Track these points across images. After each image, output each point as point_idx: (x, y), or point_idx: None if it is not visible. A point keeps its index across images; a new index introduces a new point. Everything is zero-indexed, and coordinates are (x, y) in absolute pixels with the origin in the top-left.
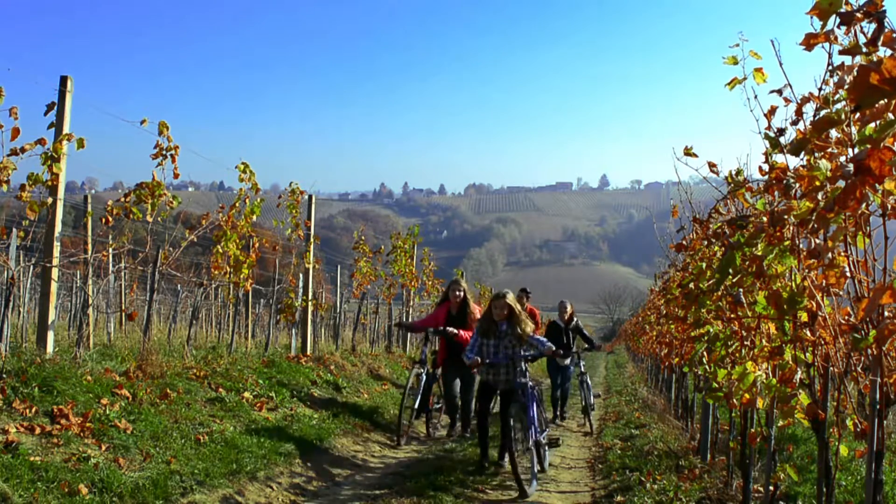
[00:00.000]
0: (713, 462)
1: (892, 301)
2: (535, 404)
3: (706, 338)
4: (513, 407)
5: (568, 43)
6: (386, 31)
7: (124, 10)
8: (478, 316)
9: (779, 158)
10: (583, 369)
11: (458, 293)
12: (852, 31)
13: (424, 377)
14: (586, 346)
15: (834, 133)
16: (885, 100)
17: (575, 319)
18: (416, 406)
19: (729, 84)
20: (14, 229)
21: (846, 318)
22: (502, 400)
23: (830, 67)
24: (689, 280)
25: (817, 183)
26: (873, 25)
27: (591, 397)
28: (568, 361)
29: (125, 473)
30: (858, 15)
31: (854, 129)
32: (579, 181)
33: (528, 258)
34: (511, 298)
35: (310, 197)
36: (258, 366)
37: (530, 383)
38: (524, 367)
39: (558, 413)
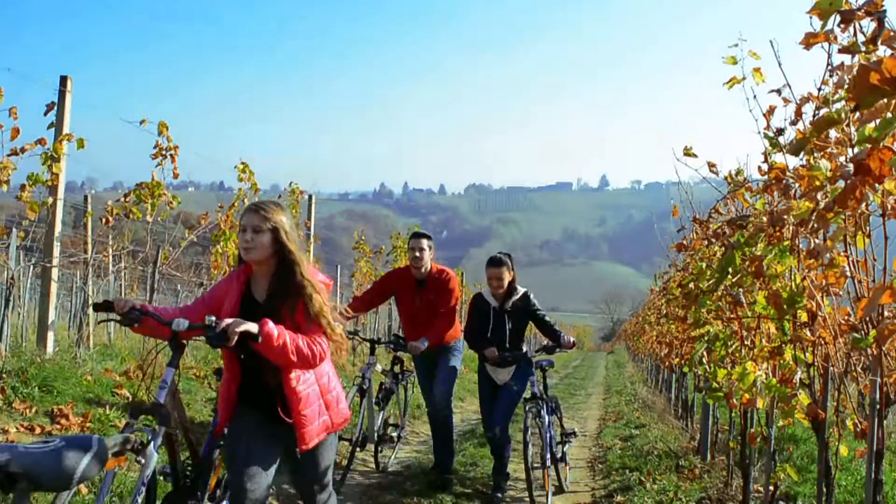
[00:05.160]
0: (713, 462)
1: (892, 301)
2: None
3: (706, 338)
4: None
5: (567, 41)
6: (386, 30)
7: (127, 10)
8: (319, 290)
9: (778, 158)
10: (538, 390)
11: (249, 237)
12: (851, 31)
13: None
14: (546, 344)
15: (833, 133)
16: (885, 99)
17: (521, 292)
18: None
19: (728, 83)
20: (14, 229)
21: (846, 318)
22: None
23: (830, 67)
24: (689, 280)
25: (817, 183)
26: (873, 24)
27: (554, 443)
28: (509, 377)
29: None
30: (859, 13)
31: (854, 129)
32: (579, 181)
33: (528, 258)
34: None
35: (310, 197)
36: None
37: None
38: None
39: (500, 478)
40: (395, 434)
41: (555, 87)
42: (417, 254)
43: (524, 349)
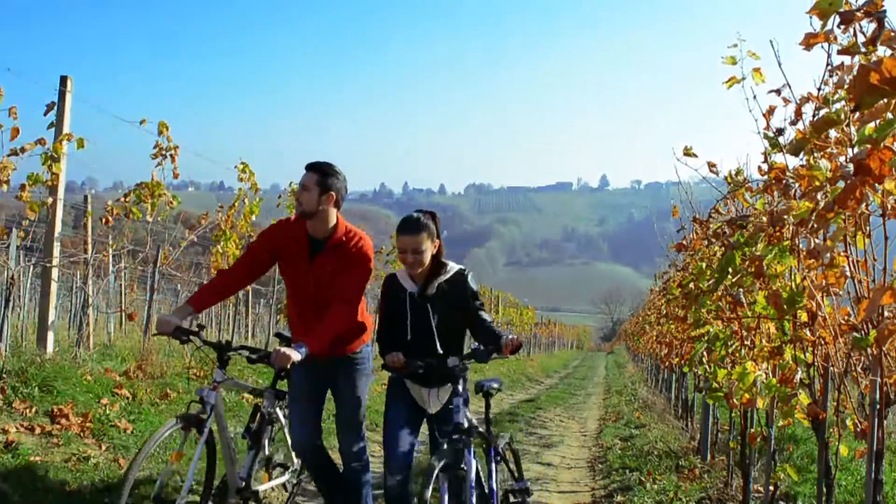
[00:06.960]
0: (713, 462)
1: (892, 301)
2: None
3: (706, 338)
4: None
5: (568, 41)
6: (386, 29)
7: (127, 10)
8: None
9: (778, 158)
10: (464, 418)
11: None
12: (851, 31)
13: None
14: (477, 347)
15: (833, 133)
16: (885, 99)
17: (454, 269)
18: None
19: (727, 83)
20: (14, 229)
21: (846, 318)
22: None
23: (830, 67)
24: (689, 280)
25: (817, 183)
26: (873, 25)
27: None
28: (440, 402)
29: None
30: (859, 14)
31: (854, 129)
32: (579, 181)
33: (529, 258)
34: None
35: None
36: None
37: None
38: None
39: None
40: (281, 480)
41: (555, 87)
42: (299, 196)
43: (457, 362)
